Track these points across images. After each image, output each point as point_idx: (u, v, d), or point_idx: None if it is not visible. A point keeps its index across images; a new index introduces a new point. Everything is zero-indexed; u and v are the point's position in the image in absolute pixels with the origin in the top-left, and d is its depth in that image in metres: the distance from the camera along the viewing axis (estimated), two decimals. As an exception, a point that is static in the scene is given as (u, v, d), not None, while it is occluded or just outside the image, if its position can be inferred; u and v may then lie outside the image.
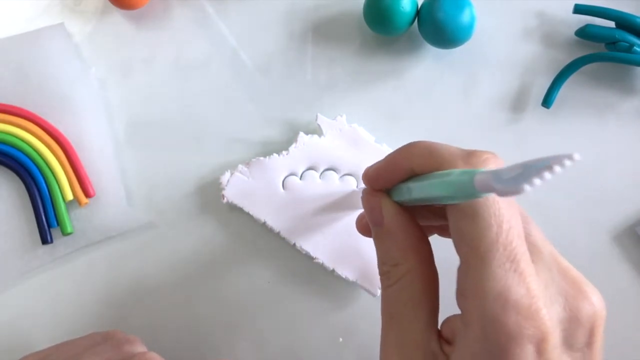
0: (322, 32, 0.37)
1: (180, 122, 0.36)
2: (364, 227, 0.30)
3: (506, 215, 0.20)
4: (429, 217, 0.25)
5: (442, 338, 0.22)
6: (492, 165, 0.21)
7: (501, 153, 0.37)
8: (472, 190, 0.18)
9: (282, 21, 0.37)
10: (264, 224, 0.34)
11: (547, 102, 0.35)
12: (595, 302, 0.20)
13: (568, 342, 0.20)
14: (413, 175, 0.23)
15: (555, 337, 0.19)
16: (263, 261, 0.35)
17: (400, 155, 0.23)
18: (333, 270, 0.33)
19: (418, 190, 0.22)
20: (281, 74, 0.37)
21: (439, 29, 0.34)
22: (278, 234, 0.34)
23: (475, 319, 0.19)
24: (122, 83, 0.37)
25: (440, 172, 0.21)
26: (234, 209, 0.35)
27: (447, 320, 0.22)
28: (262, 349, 0.34)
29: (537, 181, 0.15)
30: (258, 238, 0.35)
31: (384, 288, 0.24)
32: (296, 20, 0.37)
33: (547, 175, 0.15)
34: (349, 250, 0.33)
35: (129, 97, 0.37)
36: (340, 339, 0.34)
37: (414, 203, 0.23)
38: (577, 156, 0.15)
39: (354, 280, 0.33)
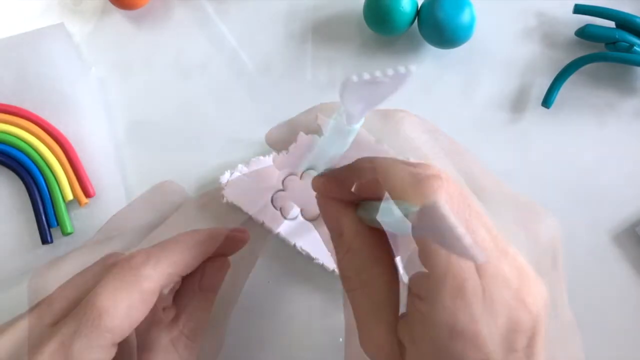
0: (322, 32, 0.37)
1: (180, 122, 0.36)
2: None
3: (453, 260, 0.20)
4: None
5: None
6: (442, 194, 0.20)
7: (501, 153, 0.37)
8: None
9: (282, 21, 0.37)
10: (263, 224, 0.34)
11: (547, 102, 0.35)
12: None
13: (510, 346, 0.20)
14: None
15: (496, 356, 0.19)
16: (263, 261, 0.35)
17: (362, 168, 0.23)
18: (333, 271, 0.33)
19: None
20: (281, 74, 0.37)
21: (439, 29, 0.34)
22: (278, 234, 0.34)
23: (425, 342, 0.20)
24: (122, 83, 0.37)
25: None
26: (234, 209, 0.35)
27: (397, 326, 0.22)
28: (262, 349, 0.34)
29: None
30: (258, 238, 0.35)
31: (347, 290, 0.24)
32: (296, 20, 0.37)
33: None
34: (349, 250, 0.33)
35: (129, 97, 0.37)
36: (340, 339, 0.34)
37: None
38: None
39: (354, 280, 0.33)
